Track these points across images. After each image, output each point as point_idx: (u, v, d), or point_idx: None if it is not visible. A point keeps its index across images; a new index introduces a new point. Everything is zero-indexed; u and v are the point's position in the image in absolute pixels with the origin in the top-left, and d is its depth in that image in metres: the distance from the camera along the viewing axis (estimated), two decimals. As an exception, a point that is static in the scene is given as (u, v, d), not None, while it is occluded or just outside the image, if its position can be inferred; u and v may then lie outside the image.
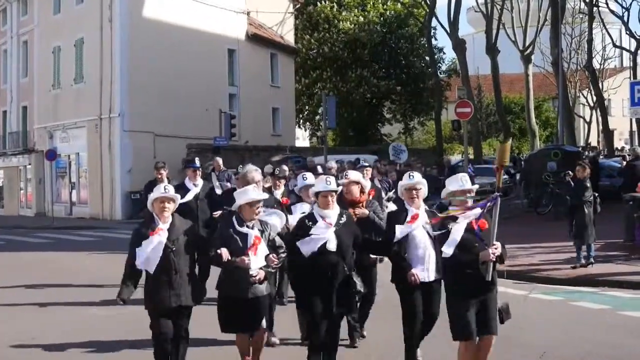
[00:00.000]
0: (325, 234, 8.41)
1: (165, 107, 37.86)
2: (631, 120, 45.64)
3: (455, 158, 48.02)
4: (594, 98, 61.37)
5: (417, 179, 8.87)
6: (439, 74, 55.32)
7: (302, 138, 64.74)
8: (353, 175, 10.17)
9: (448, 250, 7.67)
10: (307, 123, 60.55)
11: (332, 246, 8.40)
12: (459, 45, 45.35)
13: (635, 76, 50.82)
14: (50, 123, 42.38)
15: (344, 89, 52.42)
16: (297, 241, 8.47)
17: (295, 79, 53.31)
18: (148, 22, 38.34)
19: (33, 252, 23.52)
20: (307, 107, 58.11)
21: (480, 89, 70.27)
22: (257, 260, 8.20)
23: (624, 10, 52.91)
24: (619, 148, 59.65)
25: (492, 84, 49.68)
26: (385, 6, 55.71)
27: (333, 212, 8.62)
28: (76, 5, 40.71)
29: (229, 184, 19.72)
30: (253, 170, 10.23)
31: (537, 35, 51.15)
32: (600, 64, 70.33)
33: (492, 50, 46.66)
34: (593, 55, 51.70)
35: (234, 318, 8.32)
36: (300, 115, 58.59)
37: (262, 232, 8.43)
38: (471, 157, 41.14)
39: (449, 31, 46.14)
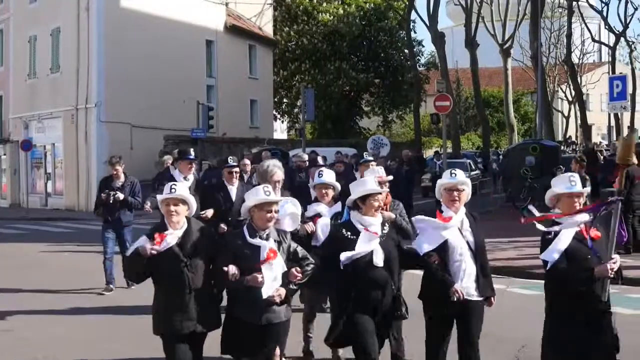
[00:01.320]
0: (372, 248, 7.09)
1: (143, 98, 37.53)
2: (609, 115, 45.74)
3: (429, 153, 48.03)
4: (573, 93, 61.58)
5: (459, 178, 7.37)
6: (418, 67, 55.21)
7: (279, 130, 64.52)
8: (376, 172, 8.91)
9: (550, 257, 6.53)
10: (286, 115, 60.33)
11: (379, 260, 7.08)
12: (438, 39, 45.27)
13: (613, 71, 50.97)
14: (26, 113, 41.91)
15: (323, 81, 52.20)
16: (334, 255, 7.07)
17: (274, 71, 53.11)
18: (125, 12, 37.98)
19: (7, 243, 23.28)
20: (285, 100, 57.90)
21: (459, 82, 70.29)
22: (272, 279, 6.75)
23: (603, 4, 52.97)
24: (597, 143, 59.90)
25: (471, 78, 49.71)
26: (365, -2, 55.58)
27: (377, 219, 7.29)
28: (52, -6, 40.34)
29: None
30: (274, 166, 9.28)
31: (516, 29, 51.19)
32: (579, 59, 70.57)
33: (471, 43, 46.68)
34: (572, 50, 51.76)
35: (241, 343, 6.92)
36: (279, 108, 58.40)
37: (279, 243, 6.91)
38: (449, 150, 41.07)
39: (428, 24, 46.07)
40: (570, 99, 70.45)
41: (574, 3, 49.91)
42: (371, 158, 12.43)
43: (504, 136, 62.81)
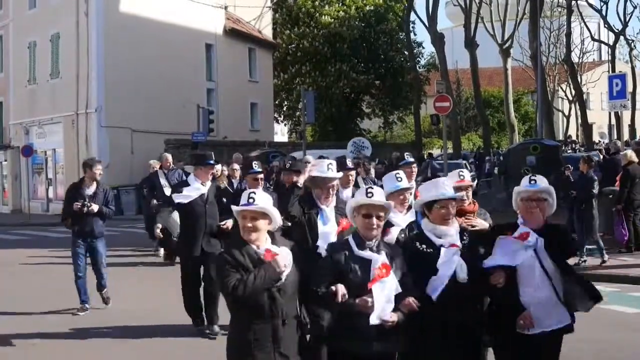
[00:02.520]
0: (455, 265, 5.88)
1: (143, 103, 37.54)
2: (610, 113, 45.70)
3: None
4: (573, 92, 61.46)
5: (541, 186, 6.22)
6: (418, 68, 55.19)
7: (280, 133, 64.51)
8: (467, 175, 7.52)
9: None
10: (287, 119, 60.27)
11: (463, 275, 5.86)
12: (438, 40, 45.22)
13: (613, 69, 50.95)
14: (26, 119, 41.93)
15: (324, 83, 52.18)
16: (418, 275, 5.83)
17: (275, 74, 53.09)
18: (125, 17, 37.98)
19: (11, 249, 23.26)
20: (285, 103, 57.81)
21: (459, 83, 70.29)
22: (384, 301, 5.49)
23: (602, 3, 52.87)
24: (596, 142, 59.84)
25: (471, 78, 49.67)
26: (364, 1, 55.49)
27: (454, 228, 6.08)
28: (52, 0, 40.29)
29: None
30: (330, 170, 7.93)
31: (515, 29, 51.14)
32: (579, 58, 70.51)
33: (470, 44, 46.61)
34: (572, 49, 51.68)
35: None
36: (280, 111, 58.36)
37: (391, 258, 5.69)
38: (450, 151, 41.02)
39: (427, 25, 46.04)
40: (570, 98, 70.39)
41: (573, 2, 49.83)
42: (412, 159, 10.95)
43: (504, 136, 62.76)
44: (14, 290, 15.35)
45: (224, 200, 10.87)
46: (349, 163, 10.62)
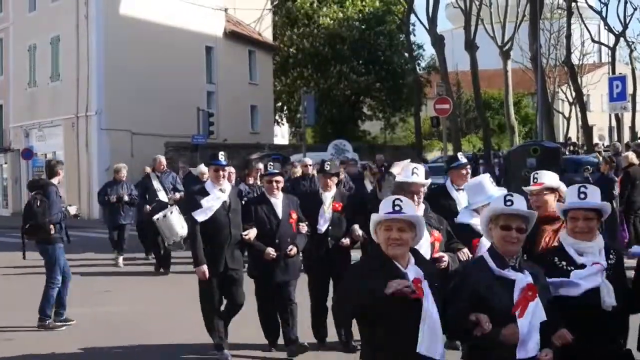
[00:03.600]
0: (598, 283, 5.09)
1: (143, 105, 37.52)
2: (610, 115, 45.68)
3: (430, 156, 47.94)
4: (573, 94, 61.37)
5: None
6: (418, 70, 55.17)
7: (280, 136, 64.51)
8: (548, 178, 6.64)
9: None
10: (290, 122, 60.29)
11: (609, 302, 5.08)
12: (438, 42, 45.18)
13: (614, 71, 50.87)
14: (27, 122, 41.95)
15: (325, 85, 52.20)
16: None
17: (276, 78, 53.08)
18: (125, 20, 37.99)
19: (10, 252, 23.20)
20: (286, 106, 57.81)
21: (459, 85, 70.15)
22: (530, 330, 4.66)
23: (602, 5, 52.85)
24: (596, 144, 59.83)
25: (471, 80, 49.62)
26: (363, 2, 55.49)
27: (596, 244, 5.25)
28: (52, 3, 40.27)
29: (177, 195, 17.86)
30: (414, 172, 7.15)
31: (515, 31, 51.06)
32: (579, 60, 70.40)
33: (471, 46, 46.55)
34: (572, 51, 51.66)
35: None
36: (282, 114, 58.38)
37: (535, 277, 4.85)
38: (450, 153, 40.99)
39: (427, 27, 45.99)
40: (570, 100, 70.29)
41: (573, 4, 49.85)
42: (465, 160, 9.39)
43: (505, 138, 62.68)
44: (14, 290, 15.58)
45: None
46: (327, 167, 10.35)
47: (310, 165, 17.25)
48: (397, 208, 4.77)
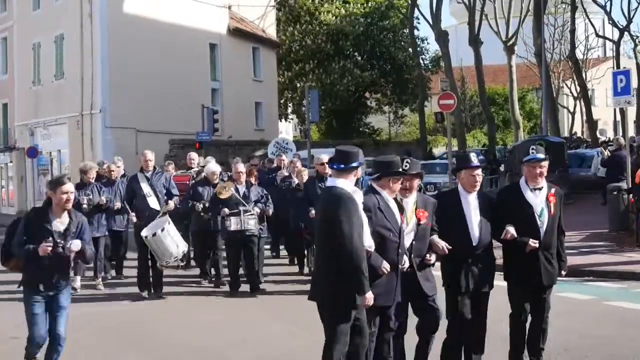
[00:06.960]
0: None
1: (147, 103, 37.58)
2: (614, 110, 45.61)
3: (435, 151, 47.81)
4: (578, 88, 61.39)
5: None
6: (422, 65, 55.13)
7: (285, 132, 64.51)
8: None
9: None
10: (294, 116, 60.28)
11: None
12: (442, 37, 45.16)
13: (618, 66, 50.77)
14: (31, 120, 42.05)
15: (328, 80, 52.18)
16: None
17: (279, 72, 53.04)
18: (128, 17, 38.03)
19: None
20: (290, 102, 57.80)
21: (463, 80, 70.11)
22: None
23: (606, -1, 52.88)
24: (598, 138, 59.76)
25: (476, 76, 49.57)
26: (365, -2, 55.51)
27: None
28: (56, 1, 40.39)
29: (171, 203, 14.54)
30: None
31: (520, 26, 50.99)
32: (584, 54, 70.37)
33: (475, 41, 46.51)
34: (576, 46, 51.64)
35: None
36: (286, 110, 58.37)
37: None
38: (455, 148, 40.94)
39: (431, 23, 45.97)
40: (575, 94, 70.21)
41: (577, -2, 49.84)
42: (542, 156, 8.11)
43: (509, 133, 62.64)
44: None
45: None
46: (407, 166, 7.79)
47: (326, 163, 13.18)
48: None
